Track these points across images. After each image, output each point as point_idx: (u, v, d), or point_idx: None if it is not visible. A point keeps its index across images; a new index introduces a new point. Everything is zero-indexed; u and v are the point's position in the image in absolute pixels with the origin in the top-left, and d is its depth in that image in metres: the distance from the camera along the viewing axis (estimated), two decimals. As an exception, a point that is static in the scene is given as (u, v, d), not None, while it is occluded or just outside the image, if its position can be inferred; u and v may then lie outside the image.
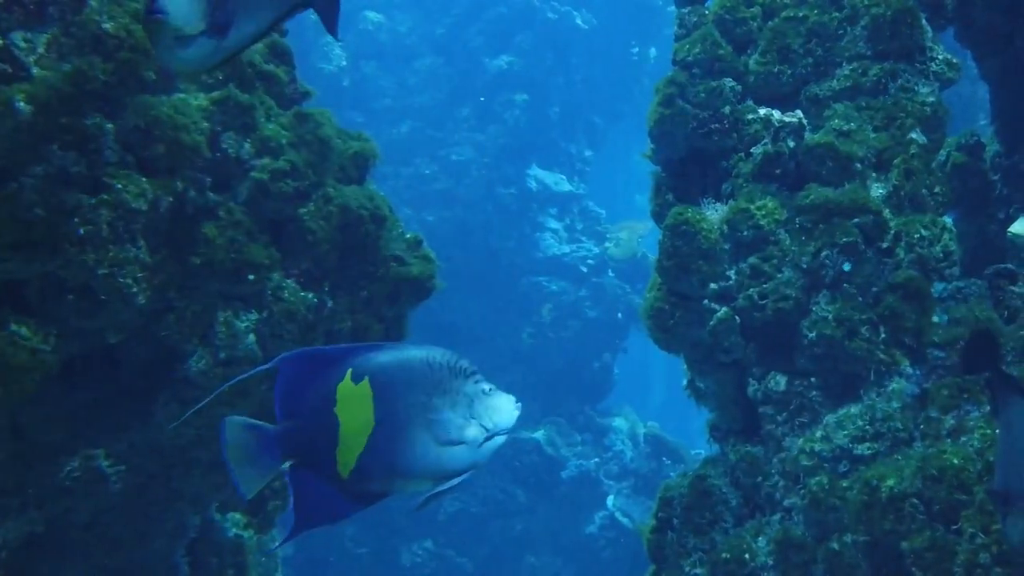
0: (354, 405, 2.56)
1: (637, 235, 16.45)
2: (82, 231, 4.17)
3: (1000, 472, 3.24)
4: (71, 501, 4.69)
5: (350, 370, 2.58)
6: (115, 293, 4.29)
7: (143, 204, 4.37)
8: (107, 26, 4.29)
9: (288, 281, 4.96)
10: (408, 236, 5.45)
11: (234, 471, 2.54)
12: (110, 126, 4.34)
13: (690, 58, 5.71)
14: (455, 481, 2.69)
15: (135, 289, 4.35)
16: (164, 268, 4.50)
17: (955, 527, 4.21)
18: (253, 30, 3.10)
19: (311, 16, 3.08)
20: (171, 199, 4.53)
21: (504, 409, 2.70)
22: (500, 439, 2.70)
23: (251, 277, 4.74)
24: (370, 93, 16.38)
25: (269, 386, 4.70)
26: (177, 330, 4.60)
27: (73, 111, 4.20)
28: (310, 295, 5.00)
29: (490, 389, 2.69)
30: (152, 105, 4.45)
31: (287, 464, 2.56)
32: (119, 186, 4.29)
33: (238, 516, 6.10)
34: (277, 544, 2.33)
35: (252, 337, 4.78)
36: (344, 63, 16.10)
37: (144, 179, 4.40)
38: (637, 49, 19.12)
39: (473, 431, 2.65)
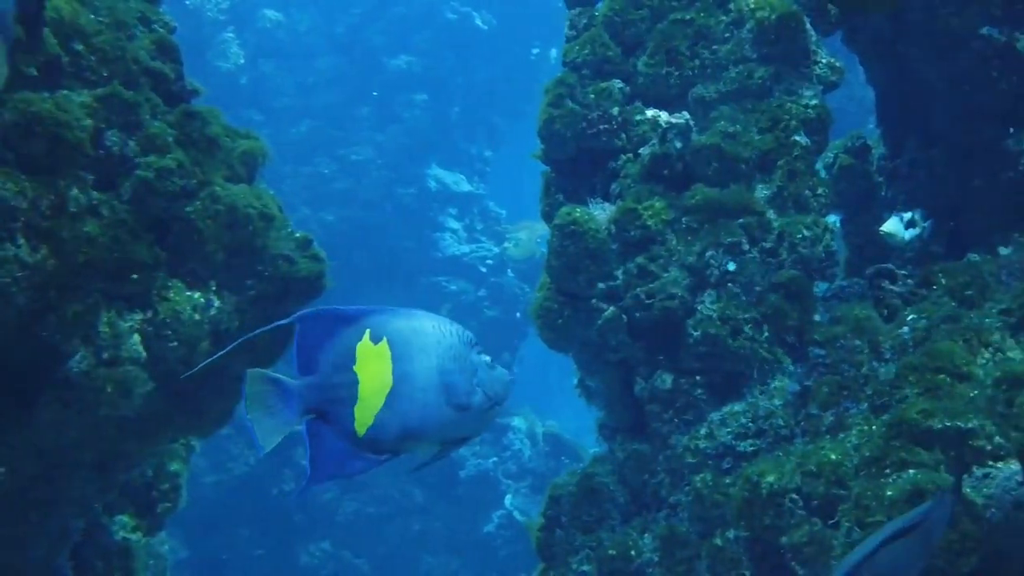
0: (373, 364, 2.61)
1: (536, 235, 16.48)
2: (-41, 229, 4.09)
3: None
4: (-52, 504, 4.61)
5: (368, 330, 2.63)
6: (-7, 292, 4.22)
7: (23, 202, 4.28)
8: (-16, 21, 4.21)
9: (174, 280, 4.90)
10: (297, 235, 5.40)
11: (253, 424, 2.57)
12: (-12, 122, 4.27)
13: (579, 59, 5.77)
14: (460, 446, 2.81)
15: (14, 289, 4.27)
16: (45, 267, 4.42)
17: (832, 521, 4.29)
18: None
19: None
20: (52, 197, 4.44)
21: (502, 381, 2.78)
22: (498, 409, 2.80)
23: (135, 276, 4.66)
24: (269, 92, 16.25)
25: (153, 389, 4.67)
26: (58, 330, 4.50)
27: (-51, 107, 4.13)
28: (196, 295, 4.94)
29: (491, 360, 2.77)
30: (32, 101, 4.37)
31: (305, 419, 2.62)
32: (-3, 183, 4.21)
33: (126, 519, 6.01)
34: (296, 494, 2.45)
35: (136, 337, 4.71)
36: (242, 61, 15.94)
37: (24, 176, 4.32)
38: (538, 50, 19.21)
39: (479, 398, 2.73)
